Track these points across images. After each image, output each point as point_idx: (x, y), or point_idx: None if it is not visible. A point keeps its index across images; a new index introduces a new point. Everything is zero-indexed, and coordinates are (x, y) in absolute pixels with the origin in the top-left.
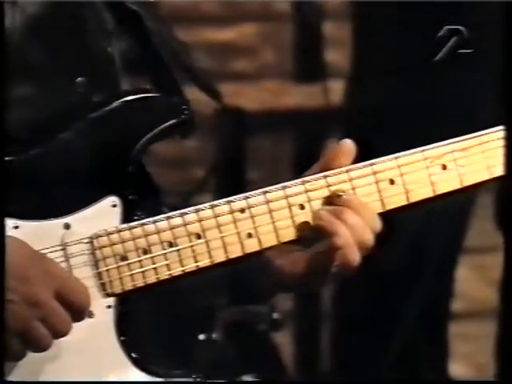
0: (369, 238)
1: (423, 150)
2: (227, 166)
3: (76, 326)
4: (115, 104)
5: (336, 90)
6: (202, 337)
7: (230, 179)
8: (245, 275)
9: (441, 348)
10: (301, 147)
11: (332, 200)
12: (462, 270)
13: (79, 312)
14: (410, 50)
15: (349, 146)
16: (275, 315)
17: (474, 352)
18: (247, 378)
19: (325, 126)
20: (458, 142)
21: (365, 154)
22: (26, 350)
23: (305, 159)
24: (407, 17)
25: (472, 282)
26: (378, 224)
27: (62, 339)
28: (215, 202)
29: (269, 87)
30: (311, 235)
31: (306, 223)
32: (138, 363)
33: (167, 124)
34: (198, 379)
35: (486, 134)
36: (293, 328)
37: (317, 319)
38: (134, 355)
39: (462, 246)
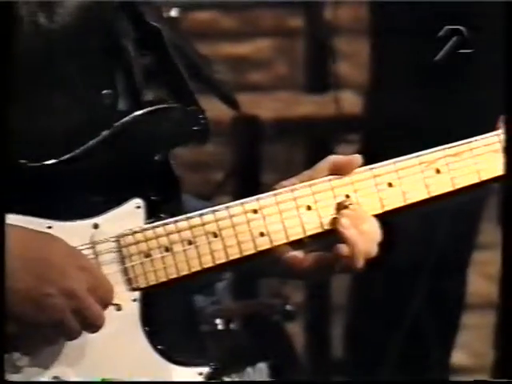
0: (374, 250)
1: (419, 156)
2: (244, 170)
3: (105, 318)
4: (138, 113)
5: (344, 99)
6: (220, 327)
7: (246, 182)
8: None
9: (448, 337)
10: (312, 153)
11: (342, 209)
12: None
13: (105, 306)
14: (425, 61)
15: (359, 162)
16: (288, 307)
17: (473, 341)
18: (262, 365)
19: (334, 134)
20: (450, 147)
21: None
22: (58, 338)
23: (315, 164)
24: (423, 29)
25: (471, 276)
26: (380, 235)
27: (90, 335)
28: (230, 204)
29: (282, 97)
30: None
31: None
32: (162, 352)
33: (185, 131)
34: (217, 367)
35: (476, 140)
36: (304, 319)
37: (327, 310)
38: (157, 345)
39: (473, 244)
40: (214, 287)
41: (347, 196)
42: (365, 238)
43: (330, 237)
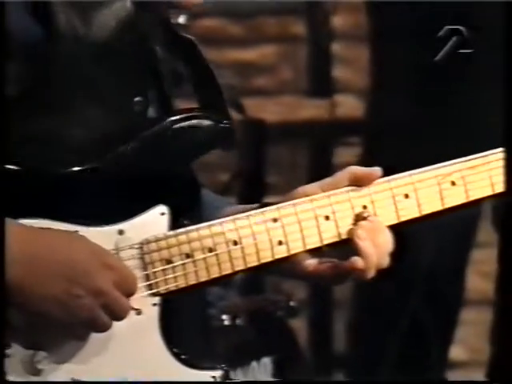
0: (386, 261)
1: (435, 169)
2: (249, 172)
3: (125, 322)
4: (168, 121)
5: (346, 103)
6: (227, 322)
7: (252, 183)
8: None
9: (447, 332)
10: (314, 155)
11: (360, 220)
12: None
13: (130, 295)
14: (424, 62)
15: (379, 174)
16: (292, 303)
17: (470, 337)
18: (266, 359)
19: (336, 137)
20: (466, 161)
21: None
22: (87, 333)
23: (318, 165)
24: (422, 33)
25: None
26: (392, 246)
27: (113, 335)
28: (251, 212)
29: (286, 101)
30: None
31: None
32: (178, 356)
33: (213, 139)
34: (228, 369)
35: (492, 154)
36: (307, 314)
37: (329, 307)
38: (174, 348)
39: (472, 244)
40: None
41: (364, 207)
42: (379, 250)
43: (346, 246)
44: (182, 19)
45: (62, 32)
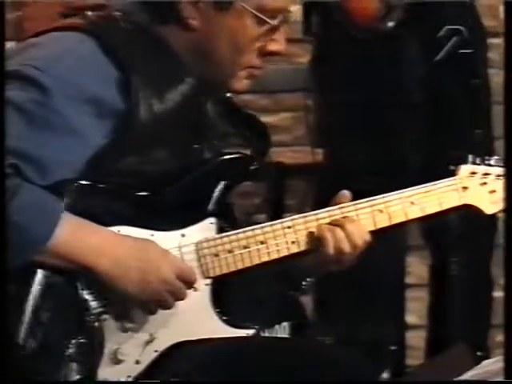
0: (360, 245)
1: (399, 193)
2: (274, 197)
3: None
4: (217, 160)
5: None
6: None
7: (276, 205)
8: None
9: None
10: (318, 186)
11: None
12: None
13: (190, 283)
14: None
15: (347, 195)
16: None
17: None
18: (285, 323)
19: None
20: (422, 187)
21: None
22: (157, 309)
23: (321, 193)
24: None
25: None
26: (368, 236)
27: (178, 304)
28: (273, 222)
29: (298, 150)
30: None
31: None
32: (224, 319)
33: (248, 172)
34: (258, 329)
35: (439, 182)
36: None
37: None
38: (221, 314)
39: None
40: None
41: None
42: (352, 235)
43: None
44: (229, 94)
45: (140, 107)
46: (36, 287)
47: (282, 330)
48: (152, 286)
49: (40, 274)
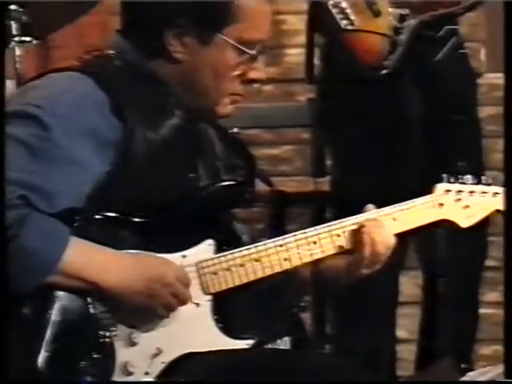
0: (387, 252)
1: (382, 210)
2: (276, 222)
3: (189, 310)
4: (214, 187)
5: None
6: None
7: (277, 229)
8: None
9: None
10: (314, 211)
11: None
12: None
13: (187, 286)
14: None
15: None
16: (302, 304)
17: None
18: (286, 338)
19: (328, 201)
20: (403, 205)
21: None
22: (165, 314)
23: (316, 217)
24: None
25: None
26: (393, 239)
27: (182, 318)
28: (266, 241)
29: (298, 180)
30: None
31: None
32: (224, 331)
33: (243, 199)
34: (257, 341)
35: (418, 200)
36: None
37: (323, 307)
38: (221, 326)
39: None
40: None
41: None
42: (381, 242)
43: None
44: (236, 129)
45: (136, 138)
46: (50, 309)
47: (284, 344)
48: (157, 292)
49: (54, 295)
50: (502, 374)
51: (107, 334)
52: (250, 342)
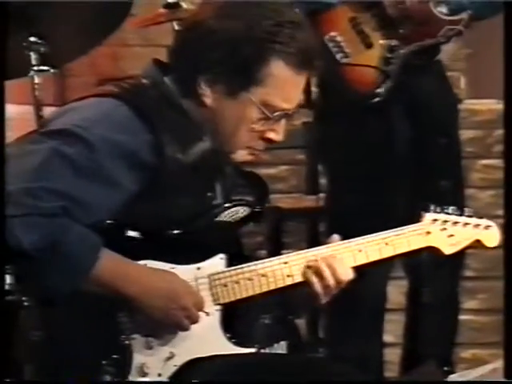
0: (344, 280)
1: (376, 235)
2: (273, 237)
3: (200, 319)
4: (225, 206)
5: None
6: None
7: (275, 243)
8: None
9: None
10: (309, 227)
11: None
12: None
13: (200, 311)
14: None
15: (337, 238)
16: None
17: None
18: (283, 342)
19: (322, 218)
20: (395, 231)
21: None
22: (177, 330)
23: (311, 233)
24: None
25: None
26: (350, 272)
27: (193, 327)
28: (271, 258)
29: (293, 197)
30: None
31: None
32: (231, 339)
33: (249, 217)
34: (259, 348)
35: (408, 227)
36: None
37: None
38: (228, 335)
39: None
40: None
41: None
42: (334, 275)
43: None
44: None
45: (167, 161)
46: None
47: (280, 348)
48: (173, 312)
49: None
50: (481, 376)
51: (127, 338)
52: (252, 349)
